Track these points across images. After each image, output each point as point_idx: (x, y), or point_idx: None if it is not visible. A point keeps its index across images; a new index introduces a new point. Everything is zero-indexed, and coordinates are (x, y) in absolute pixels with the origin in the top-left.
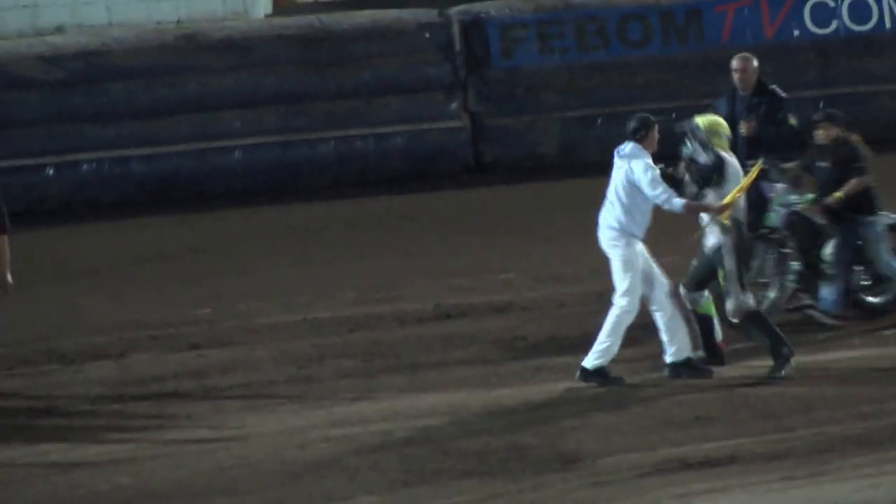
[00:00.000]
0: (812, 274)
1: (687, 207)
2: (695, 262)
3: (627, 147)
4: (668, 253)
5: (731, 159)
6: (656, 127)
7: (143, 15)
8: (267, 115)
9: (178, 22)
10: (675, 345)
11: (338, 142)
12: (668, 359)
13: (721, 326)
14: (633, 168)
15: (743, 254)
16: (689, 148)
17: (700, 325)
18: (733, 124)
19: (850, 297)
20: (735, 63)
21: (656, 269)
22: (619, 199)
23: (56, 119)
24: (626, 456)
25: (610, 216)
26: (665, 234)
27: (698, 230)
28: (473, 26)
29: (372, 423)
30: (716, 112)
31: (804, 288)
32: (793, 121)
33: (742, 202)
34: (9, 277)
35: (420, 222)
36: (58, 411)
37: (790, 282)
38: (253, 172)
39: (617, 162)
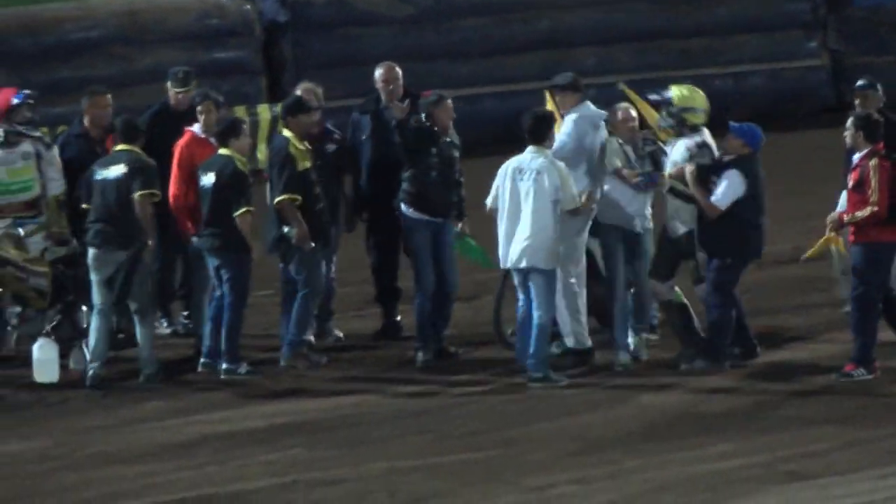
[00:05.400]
0: None
1: None
2: (656, 253)
3: None
4: None
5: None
6: None
7: None
8: (621, 52)
9: None
10: None
11: (694, 81)
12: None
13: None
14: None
15: None
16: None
17: (679, 315)
18: (384, 139)
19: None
20: (380, 73)
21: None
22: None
23: (406, 56)
24: None
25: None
26: None
27: None
28: None
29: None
30: (357, 129)
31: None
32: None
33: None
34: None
35: (778, 164)
36: (406, 352)
37: None
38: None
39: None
